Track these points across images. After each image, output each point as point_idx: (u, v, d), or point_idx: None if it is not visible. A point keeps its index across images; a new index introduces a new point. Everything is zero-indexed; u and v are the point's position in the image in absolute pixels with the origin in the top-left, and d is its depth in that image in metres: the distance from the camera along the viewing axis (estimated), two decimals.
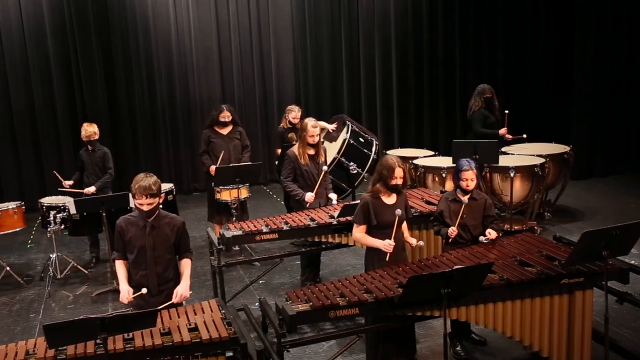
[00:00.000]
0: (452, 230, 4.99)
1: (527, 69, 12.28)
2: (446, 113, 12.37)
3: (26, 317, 6.51)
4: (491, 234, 4.99)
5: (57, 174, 7.89)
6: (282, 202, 9.65)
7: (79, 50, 10.51)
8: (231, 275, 7.19)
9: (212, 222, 8.12)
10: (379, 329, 4.59)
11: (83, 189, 7.59)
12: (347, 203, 5.95)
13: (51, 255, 7.47)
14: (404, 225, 5.09)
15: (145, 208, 4.14)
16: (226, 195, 7.54)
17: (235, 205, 7.50)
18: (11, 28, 10.23)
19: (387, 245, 4.73)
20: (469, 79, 11.85)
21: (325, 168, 6.39)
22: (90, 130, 7.65)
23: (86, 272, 7.55)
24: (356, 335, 4.49)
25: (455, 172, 5.16)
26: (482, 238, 5.03)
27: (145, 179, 4.13)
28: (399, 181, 4.88)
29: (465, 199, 4.98)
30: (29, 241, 9.07)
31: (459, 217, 4.99)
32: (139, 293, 4.13)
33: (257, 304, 6.06)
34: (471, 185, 5.06)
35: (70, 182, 7.71)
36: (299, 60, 11.73)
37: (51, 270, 7.35)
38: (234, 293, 6.40)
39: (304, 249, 6.39)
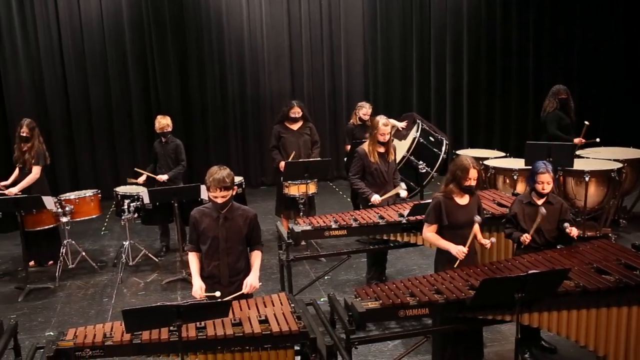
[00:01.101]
0: (526, 238, 4.87)
1: (603, 68, 11.90)
2: (518, 113, 12.11)
3: (99, 301, 6.74)
4: (573, 230, 4.85)
5: (138, 170, 8.07)
6: (349, 199, 9.67)
7: (154, 46, 10.79)
8: (296, 269, 7.24)
9: (279, 217, 8.19)
10: (448, 331, 4.53)
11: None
12: (418, 202, 5.90)
13: (124, 243, 7.70)
14: (476, 226, 5.00)
15: (219, 200, 4.20)
16: (294, 190, 7.60)
17: (303, 200, 7.56)
18: (92, 26, 10.61)
19: (459, 252, 4.66)
20: (543, 79, 11.56)
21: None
22: (163, 122, 7.84)
23: (157, 260, 7.75)
24: (424, 336, 4.45)
25: (531, 175, 5.03)
26: (566, 225, 4.88)
27: (219, 172, 4.19)
28: (473, 182, 4.80)
29: (543, 210, 4.84)
30: (103, 228, 9.38)
31: (535, 225, 4.86)
32: (212, 294, 4.19)
33: (322, 299, 6.10)
34: (547, 188, 4.93)
35: (144, 176, 7.88)
36: (369, 56, 11.70)
37: (124, 257, 7.58)
38: (299, 287, 6.44)
39: (371, 247, 6.36)
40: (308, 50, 11.46)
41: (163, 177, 7.70)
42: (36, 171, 7.43)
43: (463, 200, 4.86)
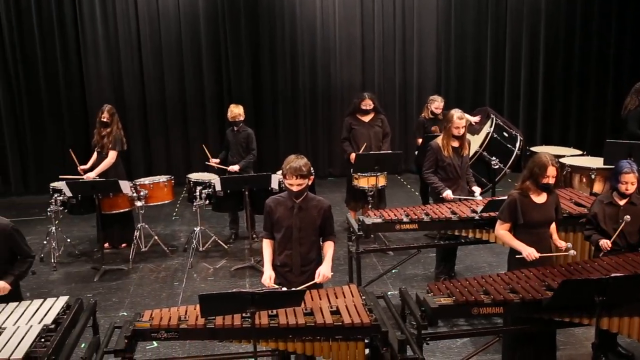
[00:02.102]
0: (607, 245, 4.70)
1: None
2: (595, 110, 11.70)
3: (171, 285, 6.90)
4: None
5: (205, 148, 8.25)
6: (417, 193, 9.57)
7: (228, 36, 10.95)
8: (364, 262, 7.16)
9: (348, 208, 8.18)
10: (520, 331, 4.41)
11: (227, 167, 7.91)
12: (493, 198, 5.77)
13: (195, 229, 7.85)
14: (553, 226, 4.86)
15: (294, 189, 4.22)
16: (364, 182, 7.58)
17: (372, 192, 7.53)
18: (169, 17, 10.87)
19: (530, 254, 4.54)
20: (624, 74, 11.13)
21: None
22: (235, 111, 7.94)
23: (226, 247, 7.87)
24: (496, 336, 4.35)
25: (614, 174, 4.84)
26: None
27: (296, 160, 4.21)
28: (551, 180, 4.66)
29: (627, 217, 4.66)
30: (174, 214, 9.60)
31: (618, 231, 4.68)
32: (279, 287, 4.21)
33: (389, 293, 6.05)
34: (631, 189, 4.74)
35: (217, 160, 8.04)
36: (442, 48, 11.53)
37: (194, 243, 7.73)
38: (366, 280, 6.41)
39: (442, 242, 6.27)
40: (380, 41, 11.37)
41: (234, 168, 7.80)
42: (112, 156, 7.65)
43: (540, 198, 4.73)
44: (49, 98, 10.91)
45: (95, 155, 7.82)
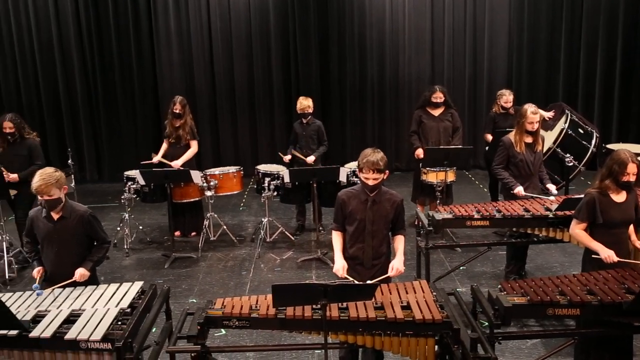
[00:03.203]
0: None
1: None
2: None
3: (238, 274, 7.00)
4: None
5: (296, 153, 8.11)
6: (485, 189, 9.41)
7: (297, 27, 10.99)
8: (430, 258, 7.12)
9: (414, 203, 8.11)
10: (596, 335, 4.27)
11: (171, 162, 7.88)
12: (569, 197, 5.60)
13: (262, 219, 7.93)
14: (631, 227, 4.68)
15: (370, 182, 4.20)
16: (432, 177, 7.50)
17: (441, 187, 7.43)
18: (239, 7, 11.02)
19: (609, 257, 4.38)
20: None
21: None
22: (305, 103, 7.97)
23: (292, 238, 7.92)
24: (572, 338, 4.22)
25: None
26: None
27: (373, 154, 4.19)
28: (632, 178, 4.48)
29: None
30: (241, 204, 9.73)
31: None
32: (350, 280, 4.21)
33: (457, 289, 5.96)
34: None
35: (288, 157, 8.05)
36: (514, 41, 11.25)
37: (262, 233, 7.82)
38: (433, 276, 6.33)
39: (513, 240, 6.12)
40: (450, 34, 11.20)
41: (310, 159, 7.83)
42: (195, 145, 7.89)
43: (620, 197, 4.56)
44: (123, 89, 11.25)
45: (165, 145, 7.99)
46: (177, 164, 7.69)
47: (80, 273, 4.39)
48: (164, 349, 4.04)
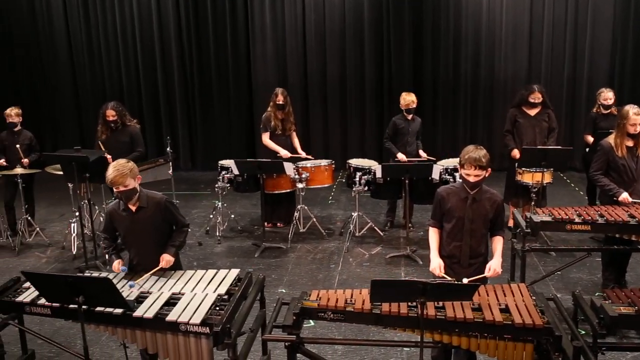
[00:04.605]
0: None
1: None
2: None
3: (327, 267, 7.03)
4: None
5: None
6: (581, 193, 9.06)
7: (391, 21, 10.92)
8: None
9: (507, 204, 7.89)
10: None
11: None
12: None
13: (352, 214, 7.94)
14: None
15: (471, 179, 4.13)
16: (528, 177, 7.28)
17: (536, 189, 7.21)
18: (334, 2, 11.04)
19: None
20: None
21: None
22: (408, 99, 7.91)
23: (381, 234, 7.89)
24: None
25: None
26: None
27: (476, 151, 4.13)
28: None
29: None
30: (330, 197, 9.78)
31: None
32: (447, 278, 4.14)
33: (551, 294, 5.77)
34: None
35: (403, 157, 7.97)
36: (618, 37, 10.73)
37: (351, 227, 7.82)
38: (526, 279, 6.15)
39: (615, 246, 5.85)
40: (549, 30, 10.82)
41: (403, 157, 7.78)
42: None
43: None
44: (218, 81, 11.55)
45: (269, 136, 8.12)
46: (287, 154, 7.84)
47: (166, 260, 4.39)
48: (258, 337, 4.12)
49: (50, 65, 12.12)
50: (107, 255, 4.64)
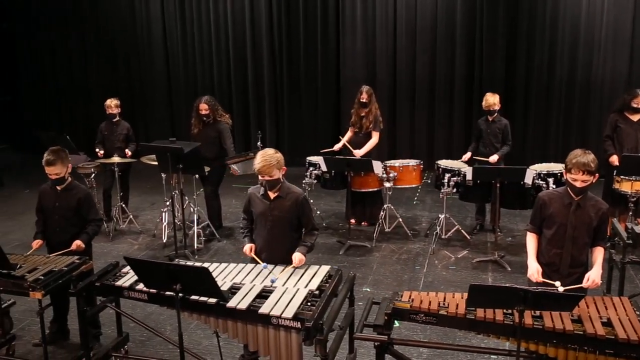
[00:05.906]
0: None
1: None
2: None
3: (412, 268, 6.96)
4: None
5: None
6: None
7: (485, 20, 10.66)
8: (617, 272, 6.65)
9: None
10: None
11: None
12: None
13: (440, 215, 7.82)
14: None
15: (578, 184, 3.99)
16: (627, 186, 6.96)
17: (635, 199, 6.88)
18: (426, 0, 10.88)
19: None
20: None
21: None
22: (491, 100, 7.72)
23: (469, 237, 7.73)
24: None
25: None
26: None
27: (584, 155, 3.99)
28: None
29: None
30: (415, 198, 9.67)
31: None
32: (555, 285, 3.99)
33: None
34: None
35: (468, 155, 7.87)
36: None
37: (437, 229, 7.71)
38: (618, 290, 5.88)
39: None
40: None
41: (494, 158, 7.60)
42: (376, 137, 7.95)
43: None
44: (307, 76, 11.65)
45: (350, 132, 8.12)
46: (358, 152, 7.81)
47: (300, 258, 4.42)
48: (346, 334, 4.11)
49: (147, 65, 12.73)
50: (242, 236, 4.75)
